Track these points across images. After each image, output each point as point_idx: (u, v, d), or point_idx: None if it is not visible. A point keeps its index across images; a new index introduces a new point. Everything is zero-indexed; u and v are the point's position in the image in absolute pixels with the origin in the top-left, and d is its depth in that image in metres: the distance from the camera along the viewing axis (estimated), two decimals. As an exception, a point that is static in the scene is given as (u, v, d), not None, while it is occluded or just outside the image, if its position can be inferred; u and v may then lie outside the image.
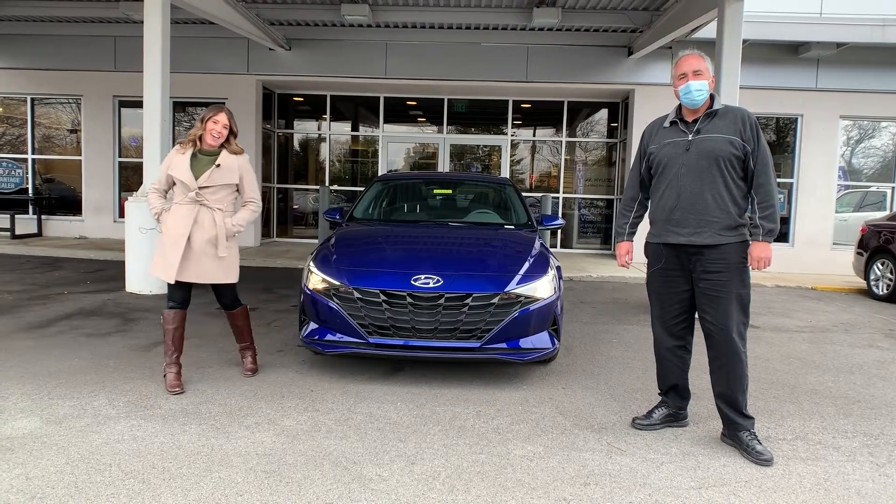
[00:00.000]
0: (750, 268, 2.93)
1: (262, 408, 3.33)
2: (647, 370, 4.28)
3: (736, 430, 2.94)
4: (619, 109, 11.50)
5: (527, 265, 3.89)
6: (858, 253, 8.56)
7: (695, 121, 2.99)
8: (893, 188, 10.81)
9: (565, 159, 11.77)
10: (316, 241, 10.92)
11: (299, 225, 12.52)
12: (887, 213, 10.35)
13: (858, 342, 5.46)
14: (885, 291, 7.94)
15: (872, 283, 8.20)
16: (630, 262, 3.30)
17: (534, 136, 12.24)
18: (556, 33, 10.04)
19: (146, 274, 6.56)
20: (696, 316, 3.05)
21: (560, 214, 11.67)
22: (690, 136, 2.96)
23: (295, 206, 12.54)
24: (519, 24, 9.59)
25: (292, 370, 4.03)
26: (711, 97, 2.99)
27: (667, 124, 3.08)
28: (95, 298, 6.22)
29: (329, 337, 3.73)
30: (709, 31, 8.99)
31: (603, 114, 11.88)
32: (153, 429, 2.99)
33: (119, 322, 5.27)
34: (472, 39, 10.23)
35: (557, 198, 11.69)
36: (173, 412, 3.22)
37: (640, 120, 10.41)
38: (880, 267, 8.11)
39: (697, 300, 2.99)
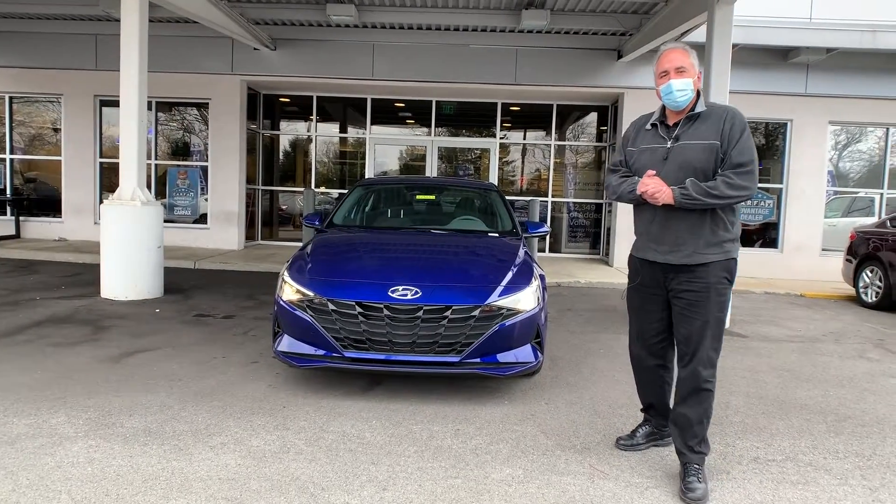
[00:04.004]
0: (724, 289, 2.66)
1: (230, 426, 3.18)
2: (632, 384, 4.08)
3: (683, 459, 2.69)
4: (609, 113, 11.41)
5: (509, 275, 3.75)
6: (847, 260, 8.51)
7: (676, 124, 2.71)
8: (882, 194, 10.78)
9: (554, 162, 11.67)
10: (301, 243, 10.73)
11: (285, 227, 12.34)
12: (875, 219, 10.34)
13: (848, 353, 5.37)
14: (874, 299, 7.89)
15: (861, 290, 8.15)
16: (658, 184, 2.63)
17: (523, 139, 12.12)
18: (545, 36, 9.93)
19: (122, 279, 6.40)
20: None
21: (549, 218, 11.57)
22: (669, 143, 2.70)
23: (283, 207, 12.35)
24: (507, 27, 9.47)
25: (265, 383, 3.87)
26: (698, 95, 2.70)
27: (649, 126, 2.80)
28: (68, 305, 6.03)
29: (303, 350, 3.58)
30: (698, 35, 8.90)
31: (592, 117, 11.79)
32: (112, 450, 2.83)
33: (90, 331, 5.08)
34: (460, 41, 10.09)
35: (546, 201, 11.58)
36: (135, 431, 3.06)
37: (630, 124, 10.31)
38: (869, 274, 8.06)
39: (673, 317, 2.78)
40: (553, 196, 11.68)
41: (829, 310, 7.70)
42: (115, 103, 8.32)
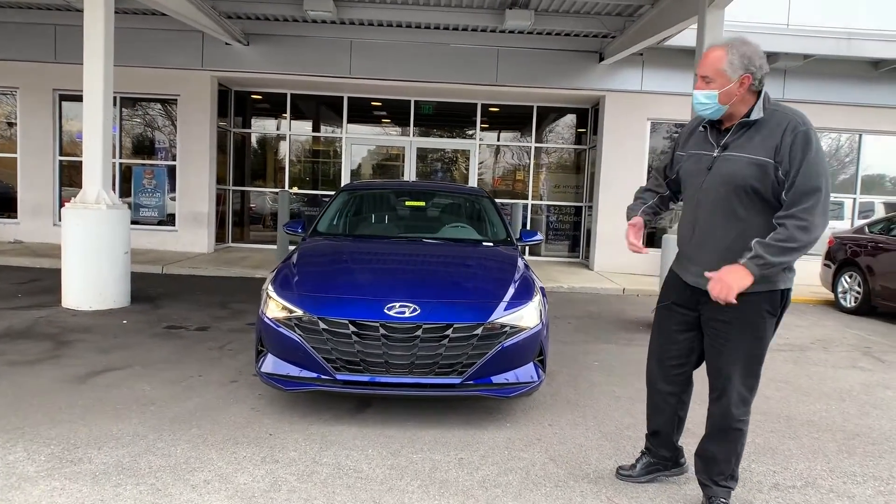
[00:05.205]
0: (766, 321, 2.35)
1: (213, 459, 2.89)
2: (634, 401, 4.00)
3: (708, 492, 2.54)
4: (589, 115, 11.32)
5: (512, 290, 3.55)
6: (826, 265, 8.58)
7: (728, 129, 2.38)
8: (855, 199, 10.96)
9: (534, 164, 11.53)
10: (275, 246, 10.35)
11: (257, 229, 11.91)
12: (847, 223, 10.51)
13: (840, 362, 5.34)
14: (853, 304, 7.95)
15: (840, 295, 8.21)
16: (637, 246, 2.57)
17: (503, 140, 11.96)
18: (527, 36, 9.77)
19: (85, 287, 5.98)
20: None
21: (528, 220, 11.43)
22: (716, 151, 2.38)
23: (252, 206, 11.92)
24: (489, 26, 9.27)
25: (248, 407, 3.59)
26: (758, 97, 2.32)
27: (702, 127, 2.48)
28: (26, 316, 5.59)
29: (290, 372, 3.31)
30: (680, 40, 8.88)
31: (572, 120, 11.69)
32: (79, 492, 2.52)
33: (51, 346, 4.69)
34: (441, 40, 9.86)
35: (526, 204, 11.42)
36: (106, 468, 2.75)
37: (610, 127, 10.26)
38: (848, 280, 8.12)
39: (704, 345, 2.54)
40: (532, 198, 11.55)
41: (810, 315, 7.72)
42: (76, 98, 7.90)
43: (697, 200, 2.44)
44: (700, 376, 2.67)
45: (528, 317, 3.43)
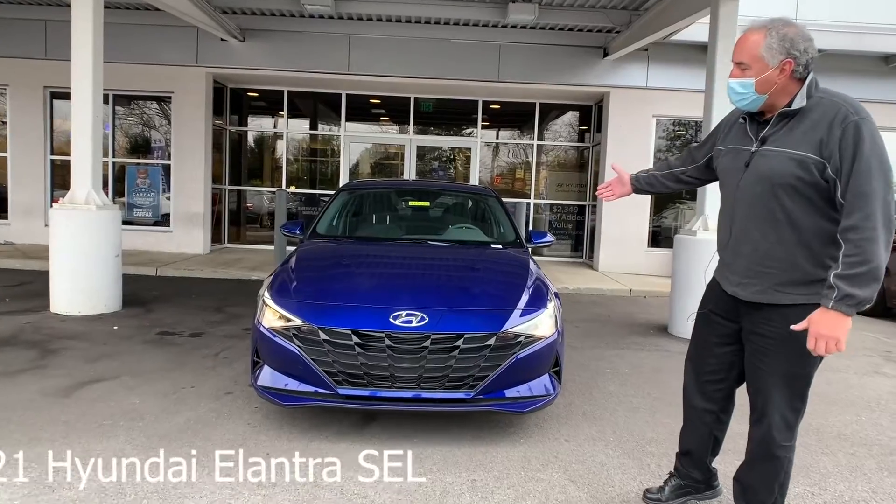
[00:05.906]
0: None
1: (205, 482, 2.66)
2: (653, 412, 3.78)
3: None
4: (593, 112, 11.10)
5: (525, 297, 3.32)
6: (837, 265, 8.37)
7: (768, 121, 2.12)
8: (863, 197, 10.74)
9: (536, 163, 11.31)
10: (272, 247, 10.12)
11: (254, 229, 11.66)
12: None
13: (862, 368, 5.12)
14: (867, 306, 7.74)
15: (852, 296, 8.00)
16: (605, 194, 2.70)
17: (504, 138, 11.74)
18: (530, 32, 9.54)
19: (74, 292, 5.74)
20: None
21: (531, 220, 11.21)
22: (754, 145, 2.13)
23: (249, 206, 11.68)
24: (492, 21, 9.03)
25: (243, 421, 3.35)
26: (802, 83, 2.03)
27: (741, 119, 2.23)
28: (11, 322, 5.34)
29: (288, 386, 3.08)
30: (687, 34, 8.66)
31: (576, 117, 11.47)
32: (56, 525, 2.29)
33: (36, 355, 4.44)
34: (441, 35, 9.62)
35: (528, 203, 11.20)
36: (89, 495, 2.52)
37: (615, 124, 10.03)
38: (861, 280, 7.91)
39: (745, 363, 2.28)
40: (535, 197, 11.32)
41: (822, 317, 7.51)
42: (68, 95, 7.65)
43: (734, 200, 2.19)
44: (742, 394, 2.44)
45: (542, 325, 3.20)
